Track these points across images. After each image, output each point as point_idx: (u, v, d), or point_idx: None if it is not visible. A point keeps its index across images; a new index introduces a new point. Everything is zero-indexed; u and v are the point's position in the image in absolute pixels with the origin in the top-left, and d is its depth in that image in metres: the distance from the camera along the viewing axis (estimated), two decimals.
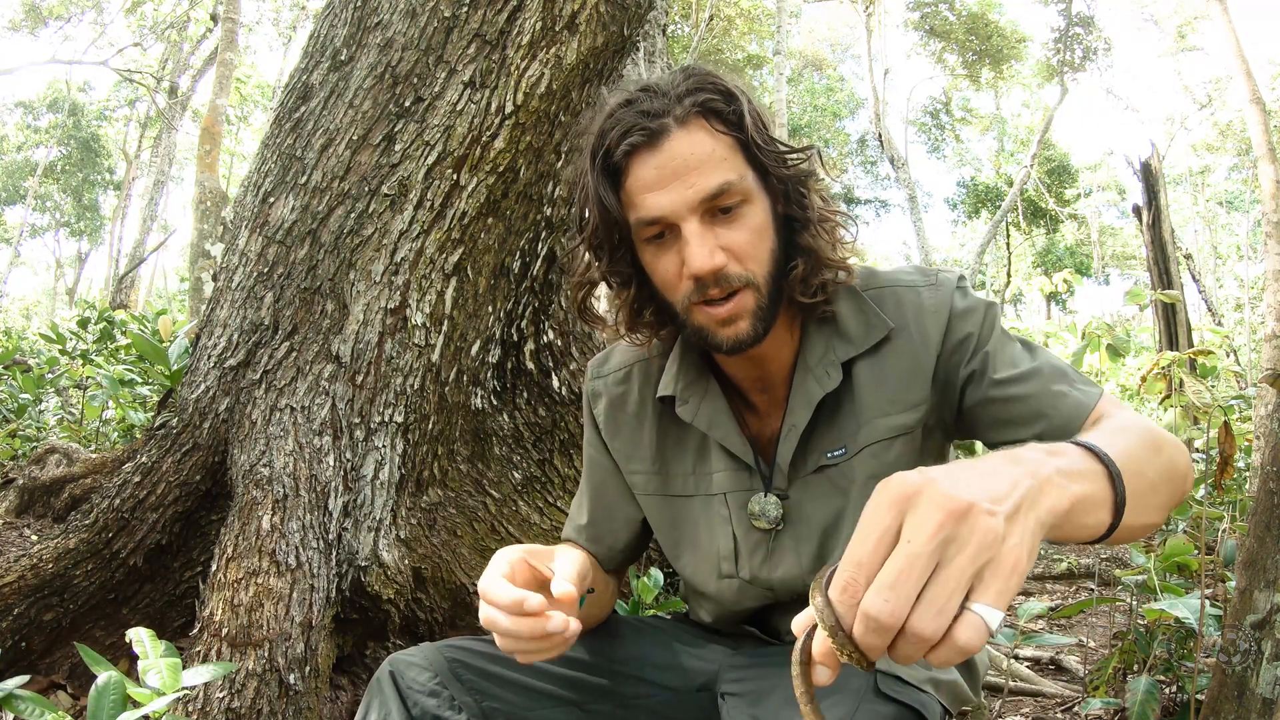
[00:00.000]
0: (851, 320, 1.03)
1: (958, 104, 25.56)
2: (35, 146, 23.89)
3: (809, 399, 1.03)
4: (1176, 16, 22.75)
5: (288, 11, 19.30)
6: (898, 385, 1.02)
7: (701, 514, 1.12)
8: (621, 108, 0.97)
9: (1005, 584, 0.52)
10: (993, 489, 0.55)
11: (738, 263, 0.95)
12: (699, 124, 0.95)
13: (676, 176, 0.94)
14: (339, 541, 1.73)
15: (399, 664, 1.03)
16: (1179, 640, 1.84)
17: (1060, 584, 3.65)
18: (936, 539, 0.52)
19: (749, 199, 0.96)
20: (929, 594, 0.51)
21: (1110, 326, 4.77)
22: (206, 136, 7.37)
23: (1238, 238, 24.54)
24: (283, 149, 2.02)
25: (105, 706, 0.98)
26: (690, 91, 0.96)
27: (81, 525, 1.84)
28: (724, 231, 0.95)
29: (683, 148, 0.94)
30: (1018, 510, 0.54)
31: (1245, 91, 6.90)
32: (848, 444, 1.03)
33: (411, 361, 1.88)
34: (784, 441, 1.04)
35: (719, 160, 0.95)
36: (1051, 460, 0.61)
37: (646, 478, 1.15)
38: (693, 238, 0.94)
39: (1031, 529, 0.54)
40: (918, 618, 0.51)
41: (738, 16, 17.64)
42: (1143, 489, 0.68)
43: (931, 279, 1.05)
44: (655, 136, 0.94)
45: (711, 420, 1.08)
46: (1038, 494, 0.56)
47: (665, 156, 0.94)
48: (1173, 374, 2.61)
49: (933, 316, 1.01)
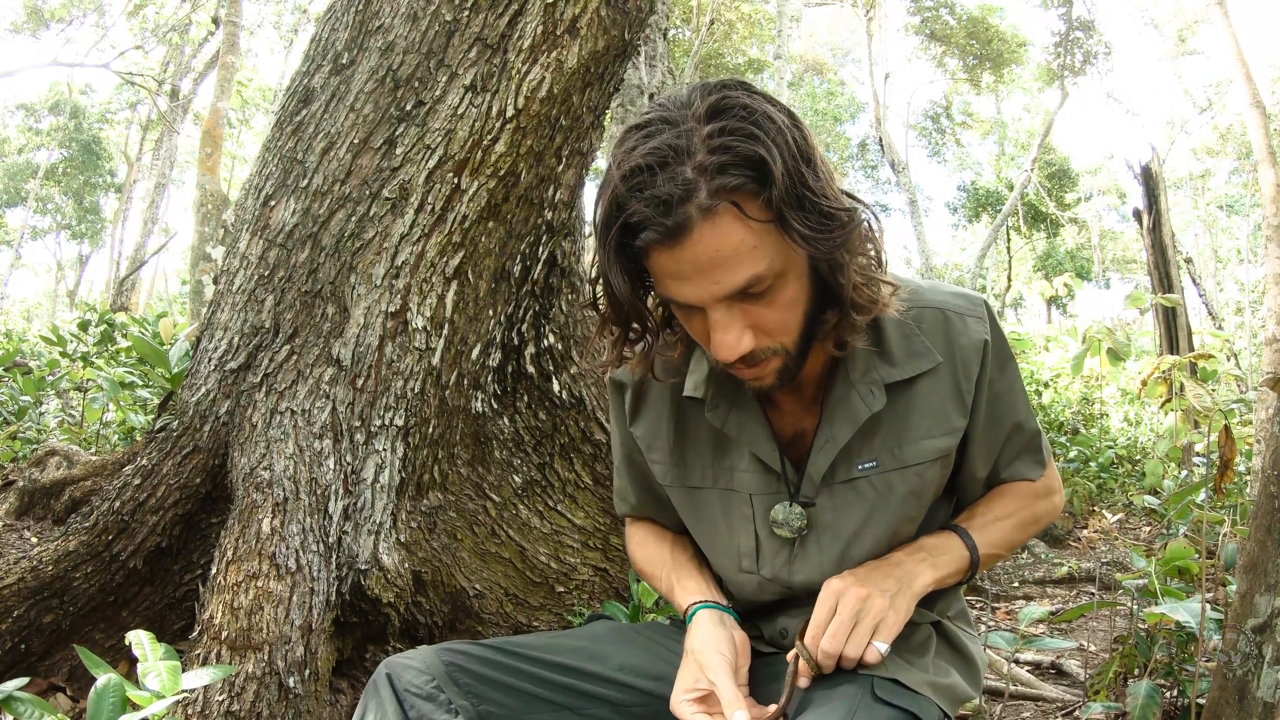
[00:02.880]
0: (897, 342, 1.03)
1: (958, 108, 25.60)
2: (36, 149, 23.91)
3: (853, 418, 1.03)
4: (1177, 20, 22.77)
5: (289, 15, 19.34)
6: (939, 409, 1.04)
7: (721, 507, 1.12)
8: (632, 185, 0.83)
9: (890, 631, 1.00)
10: (883, 584, 1.01)
11: (767, 337, 0.93)
12: (728, 212, 0.83)
13: (701, 273, 0.86)
14: (339, 545, 1.73)
15: (395, 667, 1.03)
16: (1180, 644, 1.83)
17: (1061, 588, 3.64)
18: (855, 610, 0.99)
19: (783, 275, 0.89)
20: (853, 638, 0.99)
21: (1111, 330, 4.77)
22: (208, 139, 7.38)
23: (1238, 241, 24.54)
24: (284, 152, 2.02)
25: (105, 709, 0.98)
26: (719, 169, 0.82)
27: (81, 528, 1.84)
28: (755, 309, 0.90)
29: (709, 245, 0.84)
30: (896, 594, 1.01)
31: (1245, 95, 6.90)
32: (880, 457, 1.05)
33: (412, 365, 1.88)
34: (819, 453, 1.05)
35: (748, 251, 0.85)
36: (930, 560, 1.06)
37: (665, 468, 1.15)
38: (718, 327, 0.90)
39: (905, 603, 1.02)
40: (849, 649, 0.99)
41: (738, 21, 17.67)
42: (998, 555, 1.13)
43: (975, 308, 1.06)
44: (676, 234, 0.83)
45: (742, 427, 1.07)
46: (910, 582, 1.04)
47: (689, 253, 0.84)
48: (1173, 378, 2.61)
49: (974, 350, 1.04)
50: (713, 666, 0.99)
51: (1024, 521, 1.14)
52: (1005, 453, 1.13)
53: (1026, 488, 1.15)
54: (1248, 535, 1.39)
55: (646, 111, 0.88)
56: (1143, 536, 4.76)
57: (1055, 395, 7.12)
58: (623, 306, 0.94)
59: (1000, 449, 1.12)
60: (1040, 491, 1.16)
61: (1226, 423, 2.07)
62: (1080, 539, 4.84)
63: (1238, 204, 24.34)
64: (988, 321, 1.05)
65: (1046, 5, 18.31)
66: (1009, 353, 1.09)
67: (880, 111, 19.86)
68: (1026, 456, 1.15)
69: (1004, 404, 1.09)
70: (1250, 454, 3.83)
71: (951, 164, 27.68)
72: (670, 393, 1.13)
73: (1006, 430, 1.11)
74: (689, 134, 0.83)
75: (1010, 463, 1.14)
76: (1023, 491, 1.15)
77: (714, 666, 0.99)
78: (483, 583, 1.99)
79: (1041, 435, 1.16)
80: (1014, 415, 1.11)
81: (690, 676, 1.00)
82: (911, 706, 0.96)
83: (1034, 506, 1.15)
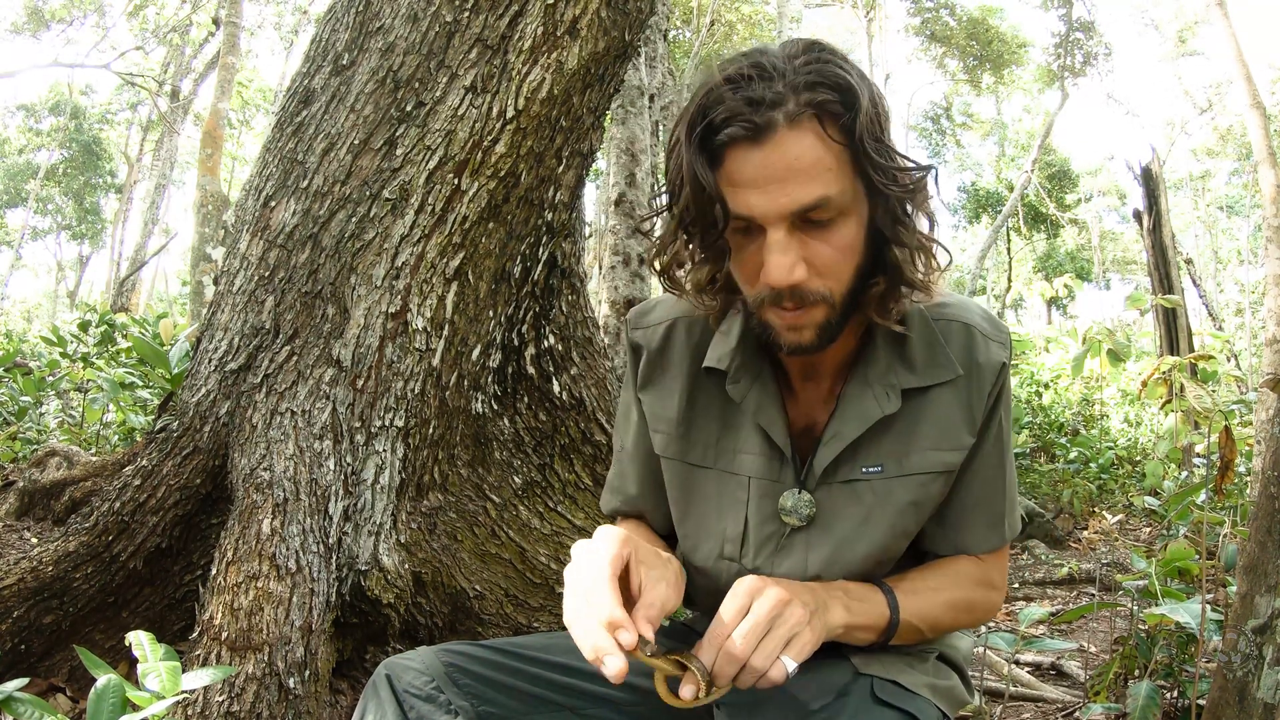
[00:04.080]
0: (920, 349, 1.02)
1: (958, 109, 25.63)
2: (37, 149, 23.93)
3: (864, 416, 1.01)
4: (1177, 21, 22.79)
5: (290, 16, 19.36)
6: (951, 422, 1.02)
7: (715, 489, 1.10)
8: (729, 86, 0.87)
9: (802, 650, 0.87)
10: (803, 596, 0.90)
11: (818, 278, 0.90)
12: (811, 127, 0.86)
13: (775, 181, 0.86)
14: (339, 546, 1.73)
15: (395, 667, 1.01)
16: (1180, 645, 1.83)
17: (1061, 589, 3.64)
18: (772, 614, 0.86)
19: (846, 213, 0.89)
20: (763, 645, 0.85)
21: (1111, 331, 4.77)
22: (208, 140, 7.38)
23: (1238, 242, 24.56)
24: (284, 153, 2.02)
25: (104, 710, 0.98)
26: (809, 86, 0.86)
27: (81, 528, 1.84)
28: (812, 242, 0.89)
29: (788, 152, 0.86)
30: (814, 613, 0.90)
31: (1246, 96, 6.90)
32: (885, 463, 1.03)
33: (412, 366, 1.88)
34: (825, 446, 1.03)
35: (823, 170, 0.87)
36: (845, 601, 0.97)
37: (667, 439, 1.12)
38: (775, 247, 0.88)
39: (820, 627, 0.90)
40: (756, 658, 0.85)
41: (739, 21, 17.67)
42: (918, 630, 1.03)
43: (1000, 334, 1.05)
44: (760, 133, 0.85)
45: (760, 405, 1.05)
46: (826, 610, 0.93)
47: (767, 157, 0.86)
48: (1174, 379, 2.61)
49: (991, 371, 1.02)
50: (594, 566, 0.85)
51: (956, 603, 1.06)
52: (972, 501, 1.07)
53: (969, 570, 1.08)
54: (1248, 536, 1.39)
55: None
56: (1143, 537, 4.76)
57: (1055, 396, 7.13)
58: (710, 202, 0.89)
59: (973, 493, 1.07)
60: (981, 580, 1.09)
61: (1227, 424, 2.07)
62: (1080, 540, 4.84)
63: (1238, 205, 24.36)
64: (1009, 350, 1.05)
65: (1046, 6, 18.33)
66: (1010, 398, 1.07)
67: None
68: (989, 516, 1.08)
69: (996, 441, 1.06)
70: (1250, 455, 3.83)
71: (952, 165, 27.69)
72: (688, 364, 1.11)
73: (988, 473, 1.07)
74: (788, 58, 0.88)
75: (970, 516, 1.07)
76: (964, 572, 1.08)
77: (596, 565, 0.85)
78: (483, 584, 1.99)
79: (1013, 511, 1.10)
80: (1001, 458, 1.07)
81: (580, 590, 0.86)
82: (911, 708, 0.96)
83: (970, 593, 1.07)
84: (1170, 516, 2.38)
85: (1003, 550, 1.10)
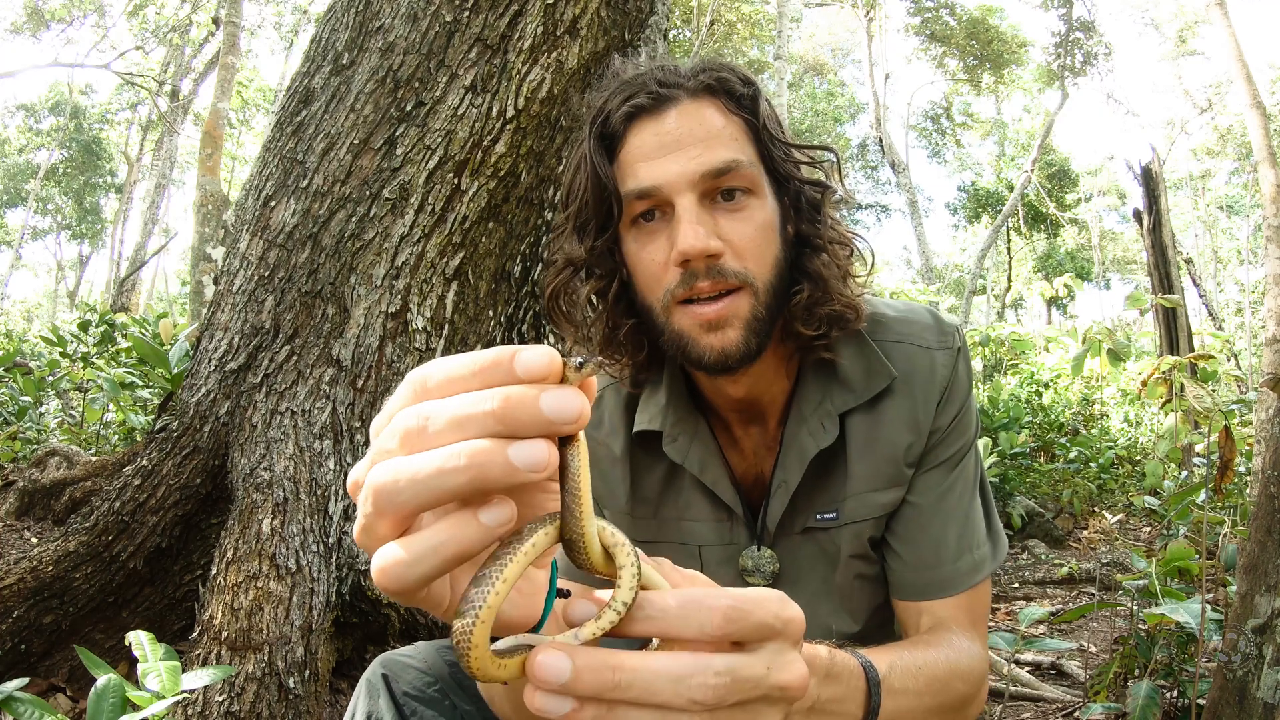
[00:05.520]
0: (853, 367, 0.94)
1: (958, 109, 25.63)
2: (37, 149, 23.96)
3: (802, 455, 0.93)
4: (1177, 21, 22.80)
5: (290, 16, 19.36)
6: (889, 452, 0.93)
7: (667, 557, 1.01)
8: (630, 79, 0.89)
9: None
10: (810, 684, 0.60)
11: (736, 258, 0.84)
12: (711, 100, 0.87)
13: (679, 146, 0.84)
14: (339, 545, 1.72)
15: (393, 665, 0.89)
16: (1180, 645, 1.83)
17: (1061, 589, 3.64)
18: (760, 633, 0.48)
19: (755, 190, 0.86)
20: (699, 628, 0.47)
21: (1111, 331, 4.77)
22: (208, 140, 7.38)
23: (1238, 242, 24.56)
24: (284, 153, 2.02)
25: (105, 709, 0.98)
26: (705, 69, 0.88)
27: (81, 528, 1.84)
28: (724, 220, 0.85)
29: (692, 117, 0.85)
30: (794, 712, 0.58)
31: (1246, 96, 6.91)
32: (840, 507, 0.95)
33: (412, 365, 1.88)
34: (774, 498, 0.95)
35: (728, 139, 0.85)
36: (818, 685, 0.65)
37: (617, 516, 1.03)
38: (686, 215, 0.82)
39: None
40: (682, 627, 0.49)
41: (739, 21, 17.67)
42: (904, 708, 0.75)
43: (945, 337, 0.96)
44: (661, 102, 0.86)
45: (703, 463, 0.97)
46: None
47: (669, 124, 0.85)
48: (1173, 378, 2.61)
49: (936, 386, 0.94)
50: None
51: (940, 679, 0.83)
52: (939, 533, 0.94)
53: (967, 656, 0.88)
54: (1248, 536, 1.39)
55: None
56: (1143, 537, 4.76)
57: (1055, 396, 7.13)
58: (604, 192, 0.86)
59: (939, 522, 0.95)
60: (966, 675, 0.87)
61: (1226, 424, 2.07)
62: (1080, 539, 4.84)
63: (1238, 205, 24.36)
64: (957, 352, 0.96)
65: (1046, 6, 18.33)
66: (969, 403, 0.96)
67: (880, 112, 19.87)
68: (959, 545, 0.94)
69: (959, 457, 0.95)
70: (1250, 455, 3.83)
71: (952, 164, 27.71)
72: (623, 434, 1.00)
73: (952, 500, 0.95)
74: (684, 64, 0.91)
75: (939, 551, 0.94)
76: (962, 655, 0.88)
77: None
78: None
79: (996, 537, 0.98)
80: (965, 480, 0.95)
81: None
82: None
83: (951, 665, 0.85)
84: (1170, 516, 2.38)
85: (983, 586, 0.96)
